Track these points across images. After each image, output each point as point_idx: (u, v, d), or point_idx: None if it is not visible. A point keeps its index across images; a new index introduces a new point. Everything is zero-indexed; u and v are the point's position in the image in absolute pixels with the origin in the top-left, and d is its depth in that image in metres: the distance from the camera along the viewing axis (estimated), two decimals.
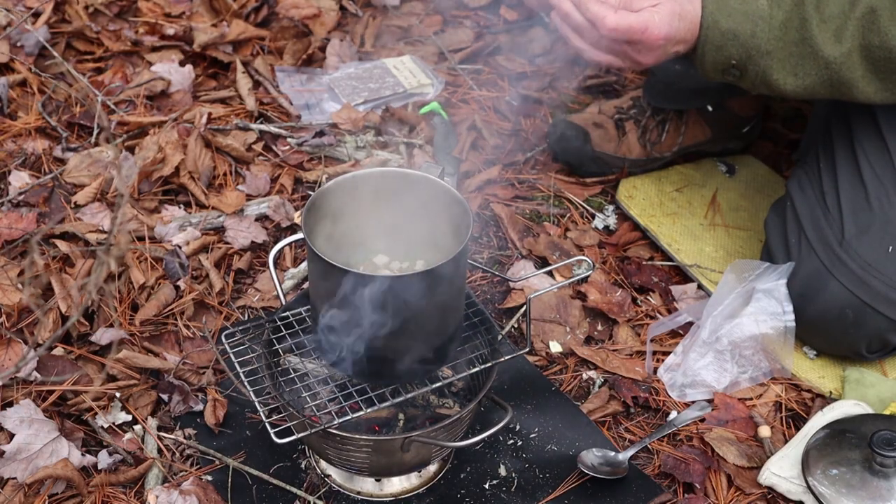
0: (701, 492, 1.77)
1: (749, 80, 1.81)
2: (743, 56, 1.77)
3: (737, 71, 1.80)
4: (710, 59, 1.79)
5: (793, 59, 1.76)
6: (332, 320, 1.59)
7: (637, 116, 2.38)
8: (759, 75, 1.79)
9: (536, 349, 2.02)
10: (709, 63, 1.80)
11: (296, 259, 2.18)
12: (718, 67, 1.80)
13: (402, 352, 1.59)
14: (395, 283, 1.54)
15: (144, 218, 2.20)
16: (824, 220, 1.91)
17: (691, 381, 1.93)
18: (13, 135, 2.41)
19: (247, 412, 1.86)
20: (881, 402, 1.89)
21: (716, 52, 1.78)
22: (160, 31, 2.73)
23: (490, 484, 1.78)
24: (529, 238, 2.24)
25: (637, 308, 2.11)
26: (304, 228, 1.57)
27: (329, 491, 1.76)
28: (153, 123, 2.44)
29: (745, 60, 1.78)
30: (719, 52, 1.78)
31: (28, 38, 2.62)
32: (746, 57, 1.77)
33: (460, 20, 2.91)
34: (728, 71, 1.81)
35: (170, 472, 1.77)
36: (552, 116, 2.57)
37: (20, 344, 1.91)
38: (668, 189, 2.35)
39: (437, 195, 1.64)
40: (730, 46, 1.77)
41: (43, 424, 1.76)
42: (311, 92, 2.60)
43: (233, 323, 2.03)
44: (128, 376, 1.89)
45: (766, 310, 1.93)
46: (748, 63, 1.78)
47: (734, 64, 1.79)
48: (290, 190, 2.33)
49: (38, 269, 2.03)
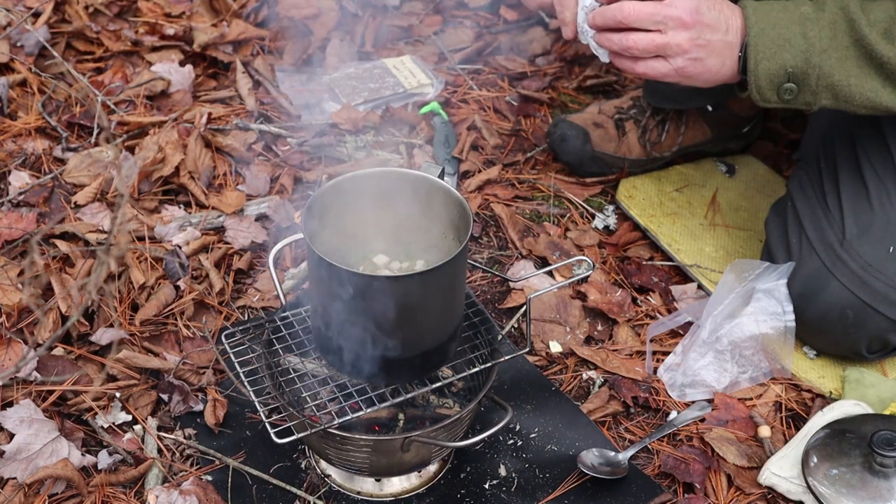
0: (701, 492, 1.77)
1: (810, 89, 1.74)
2: (799, 59, 1.71)
3: (794, 82, 1.73)
4: (765, 71, 1.73)
5: (850, 59, 1.71)
6: (332, 320, 1.59)
7: (637, 116, 2.38)
8: (821, 78, 1.72)
9: (536, 349, 2.02)
10: (763, 76, 1.73)
11: (296, 259, 2.18)
12: (774, 81, 1.73)
13: (402, 352, 1.59)
14: (395, 284, 1.54)
15: (144, 218, 2.20)
16: (825, 220, 1.91)
17: (691, 381, 1.93)
18: (13, 135, 2.41)
19: (247, 412, 1.86)
20: (881, 402, 1.89)
21: (769, 62, 1.72)
22: (160, 31, 2.73)
23: (490, 484, 1.78)
24: (529, 238, 2.24)
25: (637, 308, 2.11)
26: (304, 228, 1.57)
27: (329, 491, 1.76)
28: (153, 123, 2.44)
29: (802, 64, 1.71)
30: (773, 61, 1.72)
31: (28, 38, 2.62)
32: (803, 60, 1.71)
33: (460, 20, 2.91)
34: (784, 86, 1.74)
35: (170, 472, 1.77)
36: (552, 116, 2.57)
37: (20, 344, 1.91)
38: (668, 189, 2.35)
39: (437, 195, 1.64)
40: (783, 52, 1.71)
41: (43, 424, 1.76)
42: (311, 92, 2.60)
43: (233, 323, 2.03)
44: (128, 376, 1.89)
45: (766, 310, 1.93)
46: (807, 66, 1.72)
47: (791, 73, 1.72)
48: (290, 190, 2.33)
49: (38, 269, 2.03)
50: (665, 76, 1.76)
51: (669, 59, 1.74)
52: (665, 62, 1.74)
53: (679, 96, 2.33)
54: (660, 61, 1.74)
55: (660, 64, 1.75)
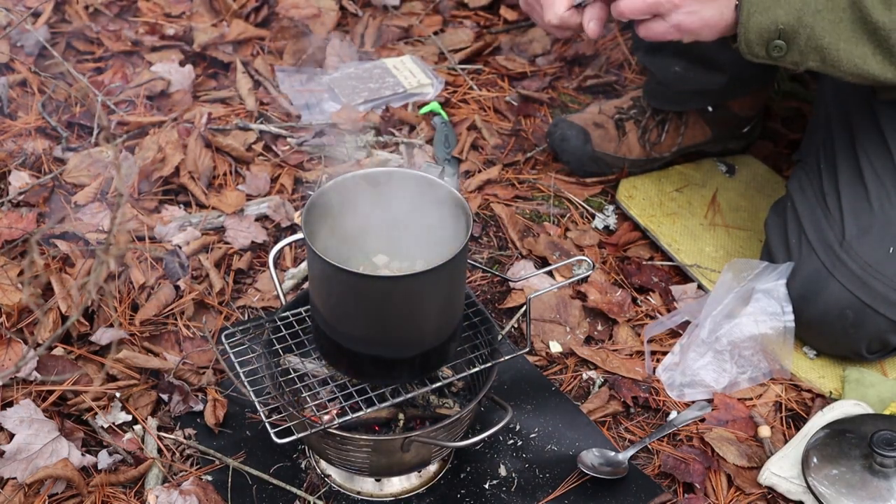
0: (701, 492, 1.77)
1: (797, 49, 1.71)
2: (791, 16, 1.68)
3: (784, 40, 1.71)
4: (756, 25, 1.70)
5: (843, 23, 1.69)
6: (332, 320, 1.59)
7: (637, 116, 2.38)
8: (811, 39, 1.70)
9: (536, 349, 2.02)
10: (753, 31, 1.71)
11: (296, 259, 2.18)
12: (764, 35, 1.71)
13: (402, 351, 1.59)
14: (395, 284, 1.54)
15: (144, 218, 2.20)
16: (825, 221, 1.91)
17: (690, 381, 1.93)
18: (13, 135, 2.41)
19: (247, 412, 1.86)
20: (881, 402, 1.89)
21: (762, 16, 1.69)
22: (160, 31, 2.73)
23: (490, 484, 1.78)
24: (529, 238, 2.24)
25: (637, 308, 2.11)
26: (304, 228, 1.57)
27: (329, 491, 1.76)
28: (153, 123, 2.44)
29: (794, 22, 1.69)
30: (765, 15, 1.69)
31: (28, 38, 2.62)
32: (796, 18, 1.68)
33: (460, 20, 2.91)
34: (773, 42, 1.71)
35: (170, 472, 1.77)
36: (552, 116, 2.57)
37: (20, 344, 1.91)
38: (668, 189, 2.35)
39: (437, 195, 1.64)
40: (777, 8, 1.68)
41: (43, 424, 1.76)
42: (311, 92, 2.60)
43: (233, 323, 2.03)
44: (128, 376, 1.89)
45: (765, 310, 1.93)
46: (798, 25, 1.69)
47: (782, 30, 1.69)
48: (290, 190, 2.33)
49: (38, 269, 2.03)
50: (665, 35, 1.74)
51: (666, 17, 1.71)
52: (662, 21, 1.72)
53: (679, 97, 2.33)
54: (657, 21, 1.72)
55: (657, 24, 1.73)
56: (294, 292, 2.08)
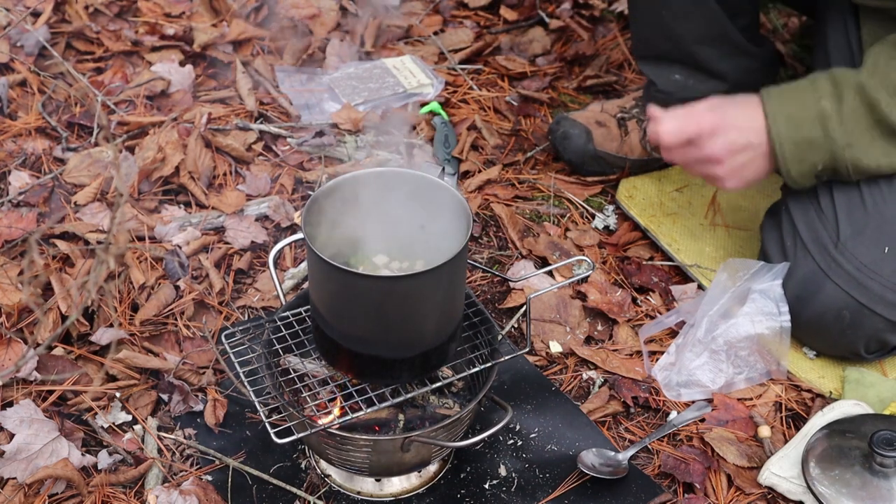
0: (701, 492, 1.77)
1: (845, 175, 1.85)
2: (826, 158, 1.83)
3: (827, 172, 1.85)
4: (797, 172, 1.86)
5: (875, 142, 1.80)
6: (332, 320, 1.59)
7: (640, 116, 2.38)
8: (851, 168, 1.83)
9: (536, 349, 2.02)
10: (796, 175, 1.87)
11: (296, 259, 2.18)
12: (808, 175, 1.86)
13: (401, 351, 1.59)
14: (395, 284, 1.54)
15: (144, 218, 2.20)
16: (819, 222, 1.91)
17: (686, 381, 1.93)
18: (13, 135, 2.41)
19: (247, 412, 1.86)
20: (881, 402, 1.89)
21: (799, 165, 1.85)
22: (160, 31, 2.73)
23: (490, 484, 1.78)
24: (529, 238, 2.24)
25: (637, 308, 2.11)
26: (304, 228, 1.57)
27: (329, 491, 1.76)
28: (153, 123, 2.44)
29: (830, 160, 1.83)
30: (802, 164, 1.84)
31: (28, 38, 2.62)
32: (830, 158, 1.82)
33: (460, 20, 2.91)
34: (820, 175, 1.86)
35: (170, 472, 1.77)
36: (552, 116, 2.56)
37: (20, 344, 1.91)
38: (668, 189, 2.35)
39: (437, 195, 1.64)
40: (810, 155, 1.83)
41: (43, 424, 1.76)
42: (311, 92, 2.60)
43: (233, 323, 2.03)
44: (128, 376, 1.90)
45: (761, 310, 1.93)
46: (835, 162, 1.83)
47: (821, 169, 1.84)
48: (290, 190, 2.33)
49: (38, 269, 2.03)
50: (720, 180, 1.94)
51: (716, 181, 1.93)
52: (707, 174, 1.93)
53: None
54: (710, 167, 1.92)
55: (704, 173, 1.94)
56: (294, 292, 2.08)
